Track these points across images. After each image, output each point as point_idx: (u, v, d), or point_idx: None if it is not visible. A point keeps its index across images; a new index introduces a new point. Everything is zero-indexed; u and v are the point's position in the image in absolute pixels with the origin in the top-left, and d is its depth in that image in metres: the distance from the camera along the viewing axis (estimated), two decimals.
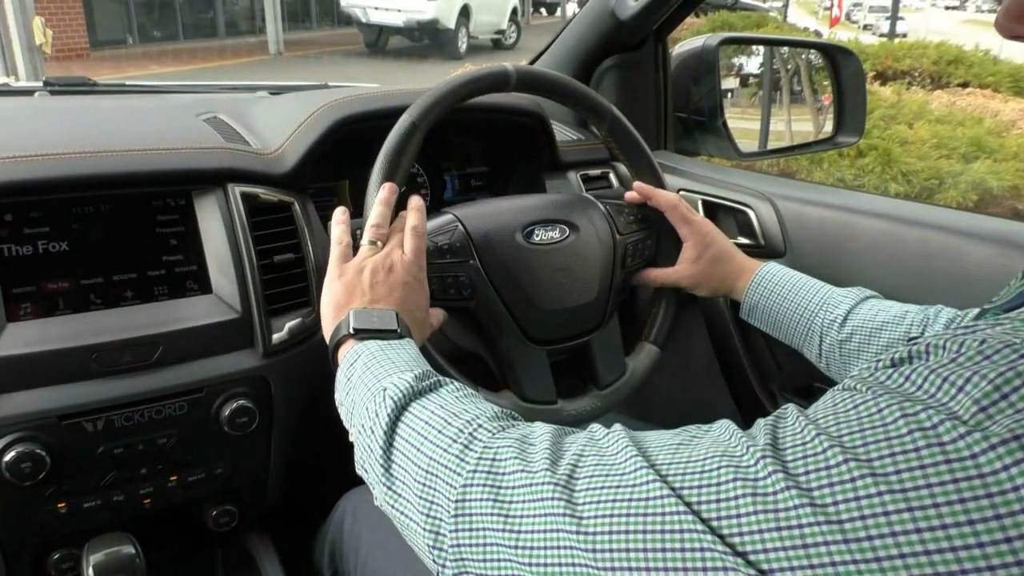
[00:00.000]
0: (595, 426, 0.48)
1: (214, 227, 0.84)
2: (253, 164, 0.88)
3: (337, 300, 0.69)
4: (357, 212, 0.79)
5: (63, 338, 0.75)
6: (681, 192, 1.13)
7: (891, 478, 0.33)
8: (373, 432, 0.55)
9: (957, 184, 3.53)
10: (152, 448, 0.81)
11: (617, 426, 0.47)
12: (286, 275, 0.86)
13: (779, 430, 0.39)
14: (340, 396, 0.63)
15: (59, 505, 0.80)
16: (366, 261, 0.70)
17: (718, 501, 0.38)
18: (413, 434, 0.52)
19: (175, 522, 0.94)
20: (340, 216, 0.76)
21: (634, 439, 0.44)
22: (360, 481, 0.93)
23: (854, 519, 0.33)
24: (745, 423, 0.43)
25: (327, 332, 0.68)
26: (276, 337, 0.84)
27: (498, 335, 0.82)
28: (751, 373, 1.08)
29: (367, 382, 0.59)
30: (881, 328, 0.78)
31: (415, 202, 0.76)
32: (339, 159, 0.97)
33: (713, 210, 1.11)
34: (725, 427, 0.43)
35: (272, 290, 0.84)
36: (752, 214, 1.05)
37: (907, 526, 0.32)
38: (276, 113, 1.02)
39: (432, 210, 0.85)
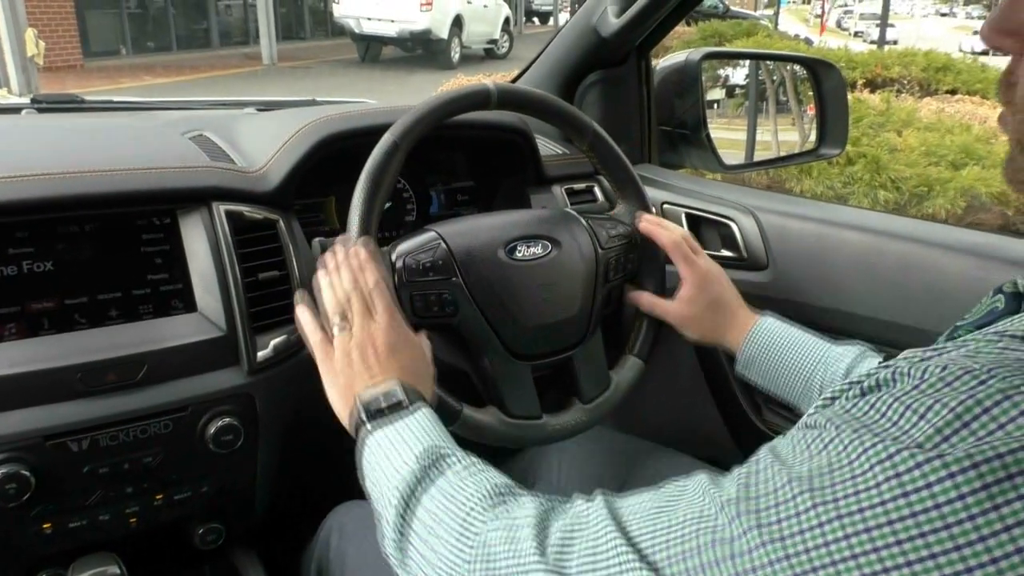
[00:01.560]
0: (578, 502, 0.50)
1: (199, 245, 0.84)
2: (238, 182, 0.89)
3: (340, 391, 0.69)
4: (343, 228, 0.80)
5: (48, 358, 0.75)
6: (664, 205, 1.14)
7: (855, 517, 0.34)
8: (388, 523, 0.58)
9: (946, 191, 3.55)
10: (137, 467, 0.81)
11: (599, 499, 0.49)
12: (271, 292, 0.86)
13: (751, 477, 0.41)
14: (365, 485, 0.64)
15: (44, 525, 0.80)
16: (348, 345, 0.69)
17: (700, 569, 0.39)
18: (421, 527, 0.56)
19: (161, 540, 0.94)
20: (303, 314, 0.74)
21: (614, 513, 0.46)
22: (346, 497, 0.93)
23: (826, 566, 0.34)
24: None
25: (343, 421, 0.68)
26: (261, 354, 0.84)
27: (481, 351, 0.83)
28: (736, 385, 1.09)
29: (377, 476, 0.61)
30: None
31: (363, 253, 0.73)
32: (325, 175, 0.98)
33: (696, 223, 1.12)
34: (698, 485, 0.44)
35: (257, 307, 0.85)
36: (735, 227, 1.07)
37: (875, 567, 0.33)
38: (262, 130, 1.03)
39: (417, 225, 0.86)
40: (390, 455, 0.61)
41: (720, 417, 1.14)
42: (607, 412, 0.89)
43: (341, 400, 0.68)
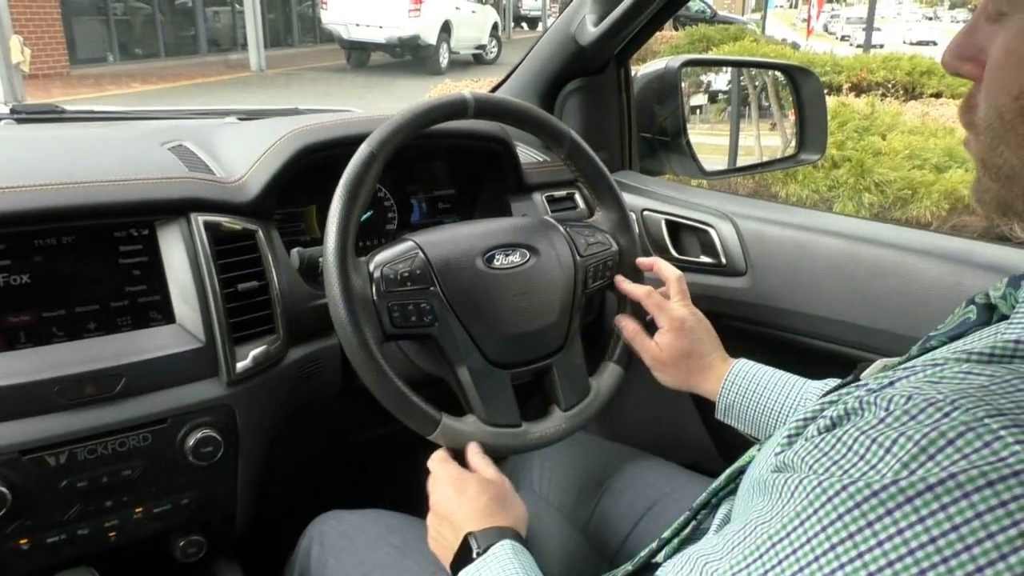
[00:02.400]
0: None
1: (177, 257, 0.84)
2: (216, 193, 0.89)
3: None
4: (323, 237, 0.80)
5: (24, 372, 0.75)
6: (645, 212, 1.15)
7: (834, 566, 0.35)
8: None
9: (930, 194, 3.58)
10: (116, 480, 0.80)
11: None
12: (250, 303, 0.86)
13: (738, 550, 0.41)
14: None
15: (21, 541, 0.79)
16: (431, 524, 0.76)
17: None
18: None
19: (142, 554, 0.93)
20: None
21: None
22: (326, 508, 0.93)
23: None
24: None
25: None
26: (240, 366, 0.84)
27: (460, 360, 0.83)
28: None
29: None
30: None
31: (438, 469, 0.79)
32: (307, 184, 0.98)
33: (676, 229, 1.13)
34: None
35: (236, 318, 0.85)
36: (713, 233, 1.07)
37: None
38: (241, 140, 1.03)
39: (399, 233, 0.86)
40: None
41: (702, 423, 1.14)
42: (587, 419, 0.89)
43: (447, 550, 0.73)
